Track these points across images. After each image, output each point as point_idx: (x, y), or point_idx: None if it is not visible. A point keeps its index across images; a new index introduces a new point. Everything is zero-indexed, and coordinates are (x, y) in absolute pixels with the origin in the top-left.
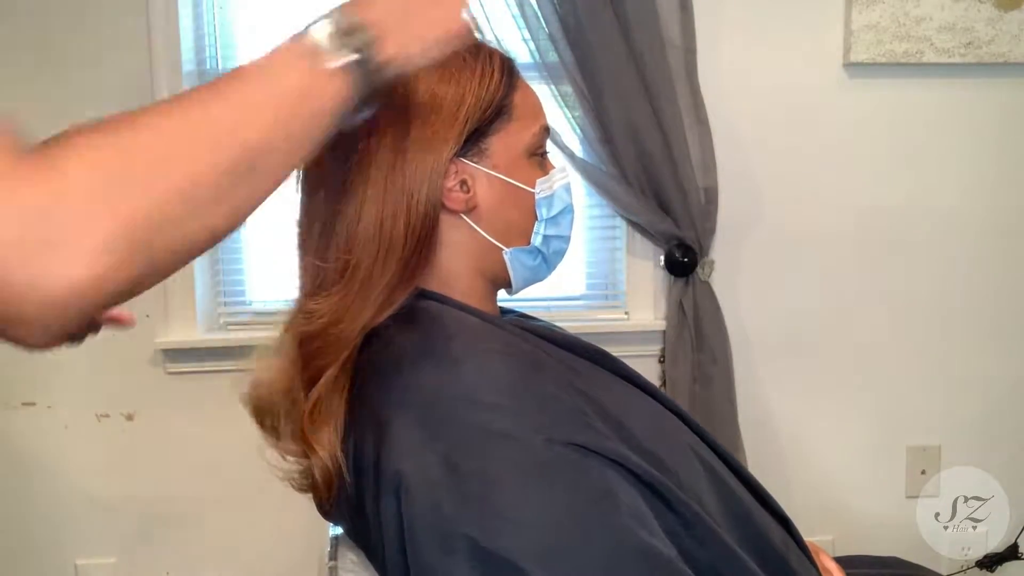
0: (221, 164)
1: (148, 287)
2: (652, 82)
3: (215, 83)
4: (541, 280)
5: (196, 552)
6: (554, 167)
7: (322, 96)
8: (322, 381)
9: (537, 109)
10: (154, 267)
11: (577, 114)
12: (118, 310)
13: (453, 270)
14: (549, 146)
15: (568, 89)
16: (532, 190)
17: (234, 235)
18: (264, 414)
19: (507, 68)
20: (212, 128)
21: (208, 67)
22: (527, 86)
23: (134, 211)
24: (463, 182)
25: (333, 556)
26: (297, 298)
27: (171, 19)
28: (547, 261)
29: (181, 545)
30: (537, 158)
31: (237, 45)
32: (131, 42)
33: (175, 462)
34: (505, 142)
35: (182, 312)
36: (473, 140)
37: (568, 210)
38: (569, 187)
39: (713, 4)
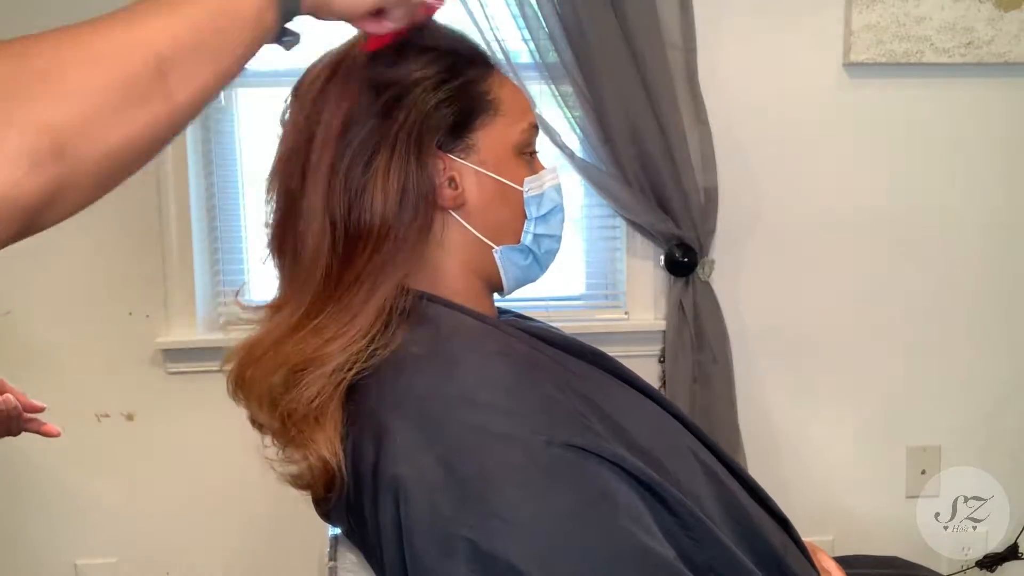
0: (128, 70)
1: (80, 200)
2: (652, 82)
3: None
4: (533, 280)
5: (196, 552)
6: (544, 167)
7: (240, 11)
8: (318, 384)
9: (525, 107)
10: (75, 173)
11: (577, 114)
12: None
13: (446, 269)
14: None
15: (568, 89)
16: (520, 188)
17: (235, 235)
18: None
19: (467, 59)
20: (118, 37)
21: None
22: (512, 83)
23: (38, 122)
24: (451, 179)
25: (333, 556)
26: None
27: None
28: (538, 261)
29: (181, 545)
30: (526, 157)
31: None
32: None
33: (175, 462)
34: (492, 138)
35: (182, 312)
36: (458, 134)
37: (558, 210)
38: (560, 188)
39: (713, 4)
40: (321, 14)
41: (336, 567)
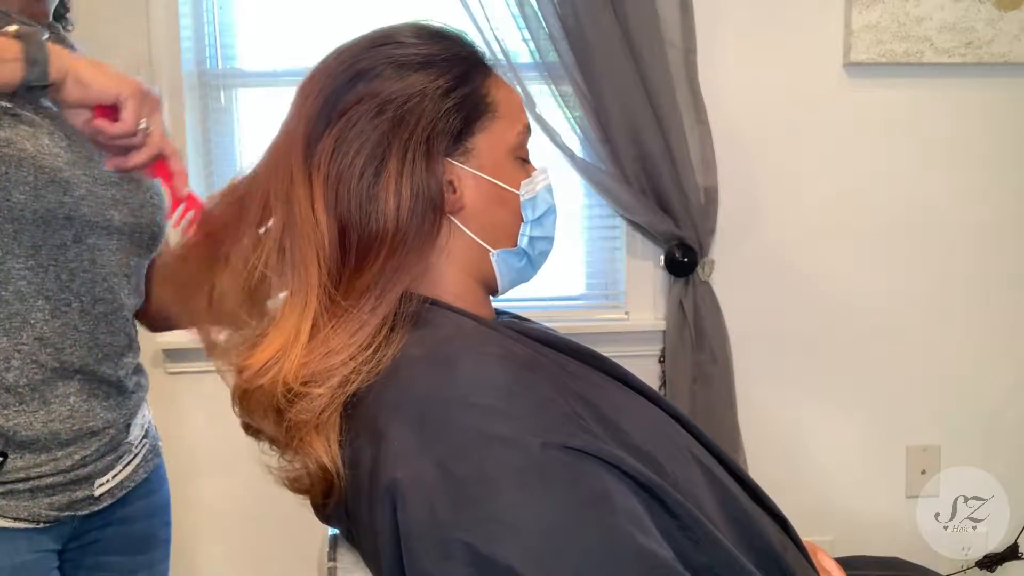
0: None
1: None
2: (652, 82)
3: None
4: (526, 281)
5: (196, 552)
6: (536, 168)
7: None
8: (324, 397)
9: (519, 108)
10: None
11: (577, 114)
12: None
13: (444, 273)
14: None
15: (568, 89)
16: (517, 192)
17: None
18: (253, 413)
19: (473, 63)
20: None
21: (208, 67)
22: (506, 84)
23: None
24: (450, 183)
25: (333, 556)
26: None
27: (171, 19)
28: (532, 262)
29: (181, 545)
30: (520, 160)
31: (237, 45)
32: (131, 42)
33: (175, 462)
34: (490, 142)
35: None
36: (459, 139)
37: (551, 211)
38: (551, 188)
39: (713, 4)
40: (60, 94)
41: (336, 567)
